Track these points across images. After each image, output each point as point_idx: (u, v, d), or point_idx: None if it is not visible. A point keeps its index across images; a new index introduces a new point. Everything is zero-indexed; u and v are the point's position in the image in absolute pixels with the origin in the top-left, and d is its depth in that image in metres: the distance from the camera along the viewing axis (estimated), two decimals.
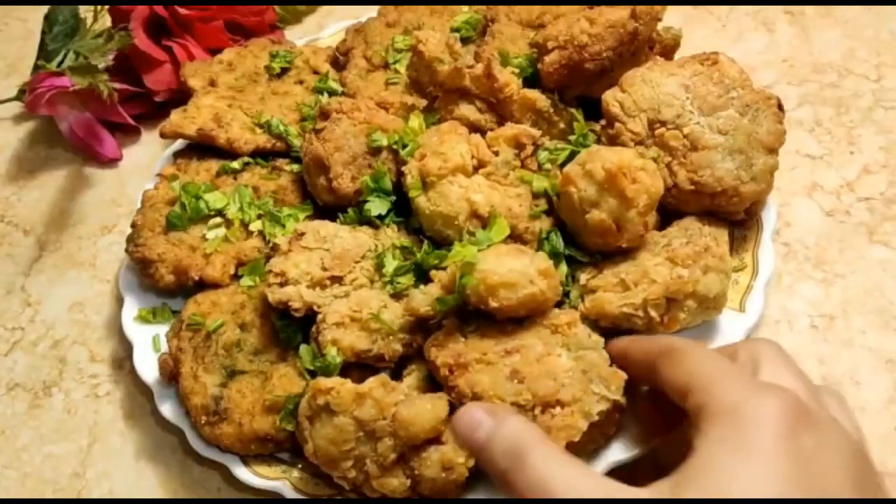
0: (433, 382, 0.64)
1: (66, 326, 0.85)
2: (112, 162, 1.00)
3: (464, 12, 0.95)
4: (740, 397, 0.47)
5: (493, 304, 0.61)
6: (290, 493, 0.66)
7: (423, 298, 0.64)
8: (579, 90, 0.79)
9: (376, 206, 0.75)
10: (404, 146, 0.75)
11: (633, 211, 0.66)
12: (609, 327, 0.66)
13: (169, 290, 0.77)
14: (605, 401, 0.59)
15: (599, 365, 0.61)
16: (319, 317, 0.67)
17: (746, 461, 0.44)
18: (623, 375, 0.60)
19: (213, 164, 0.84)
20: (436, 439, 0.61)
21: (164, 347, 0.74)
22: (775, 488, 0.43)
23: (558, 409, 0.58)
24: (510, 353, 0.61)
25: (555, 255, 0.69)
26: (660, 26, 0.79)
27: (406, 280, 0.69)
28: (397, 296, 0.69)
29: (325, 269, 0.69)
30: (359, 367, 0.67)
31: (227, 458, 0.69)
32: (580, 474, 0.47)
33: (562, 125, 0.78)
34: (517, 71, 0.80)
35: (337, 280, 0.69)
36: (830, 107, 0.94)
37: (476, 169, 0.72)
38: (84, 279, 0.89)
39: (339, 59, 0.97)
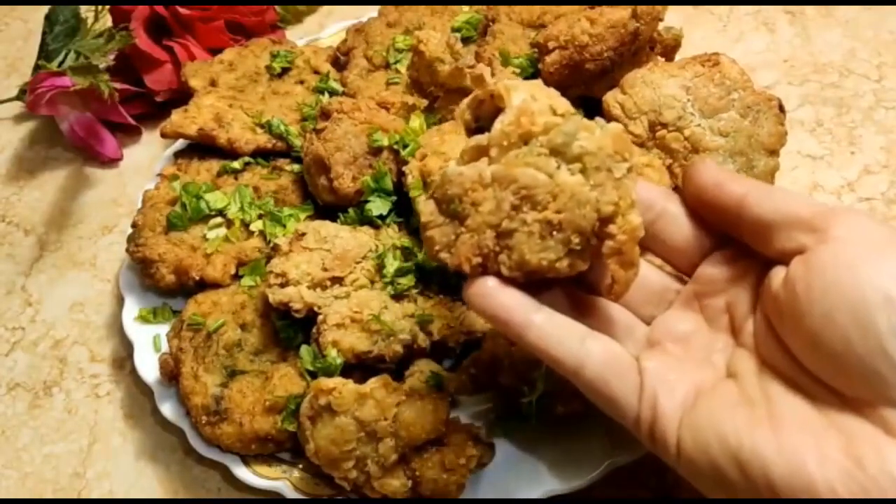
0: (435, 383, 0.64)
1: (66, 326, 0.85)
2: (113, 162, 1.00)
3: (464, 12, 0.95)
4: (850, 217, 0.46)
5: None
6: (290, 494, 0.66)
7: None
8: (580, 90, 0.79)
9: (377, 207, 0.75)
10: (405, 146, 0.75)
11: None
12: None
13: (169, 289, 0.77)
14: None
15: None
16: (320, 318, 0.67)
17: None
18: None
19: (214, 164, 0.84)
20: (437, 440, 0.61)
21: (165, 347, 0.74)
22: None
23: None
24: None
25: None
26: (661, 26, 0.79)
27: (407, 281, 0.69)
28: (398, 296, 0.69)
29: (325, 270, 0.69)
30: (361, 367, 0.67)
31: (227, 458, 0.69)
32: None
33: None
34: (518, 71, 0.80)
35: (337, 281, 0.69)
36: (831, 107, 0.94)
37: None
38: (84, 279, 0.89)
39: (340, 59, 0.97)
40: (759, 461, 0.43)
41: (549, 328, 0.49)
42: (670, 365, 0.50)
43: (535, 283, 0.49)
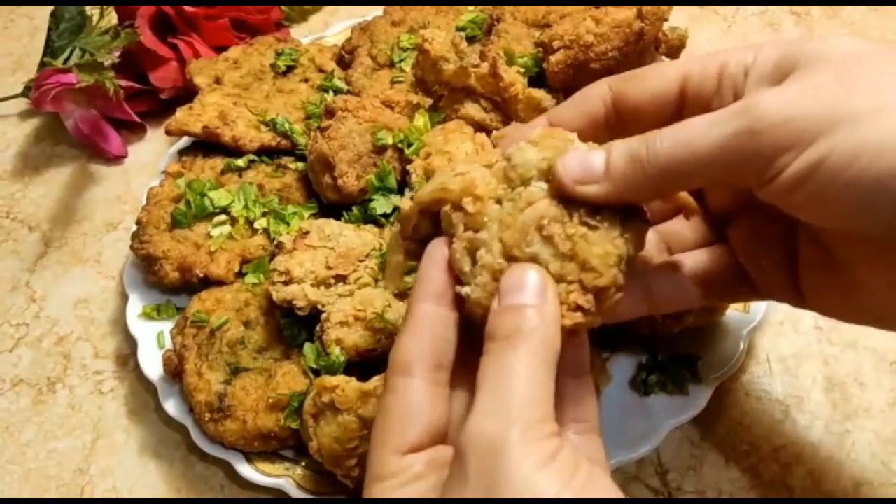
0: None
1: (70, 323, 0.85)
2: (117, 159, 1.00)
3: (469, 11, 0.95)
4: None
5: None
6: (293, 491, 0.66)
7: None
8: None
9: (381, 205, 0.75)
10: (409, 145, 0.75)
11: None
12: (616, 328, 0.66)
13: (173, 287, 0.77)
14: None
15: None
16: (323, 316, 0.67)
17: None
18: None
19: (219, 162, 0.84)
20: None
21: (169, 344, 0.74)
22: None
23: None
24: None
25: None
26: (666, 26, 0.79)
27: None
28: (402, 295, 0.69)
29: (329, 268, 0.70)
30: (364, 365, 0.67)
31: (230, 455, 0.69)
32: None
33: None
34: (522, 70, 0.80)
35: (341, 279, 0.69)
36: None
37: None
38: (89, 276, 0.89)
39: (345, 58, 0.97)
40: None
41: None
42: None
43: None
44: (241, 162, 0.83)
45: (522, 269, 0.44)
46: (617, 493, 0.40)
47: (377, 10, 1.00)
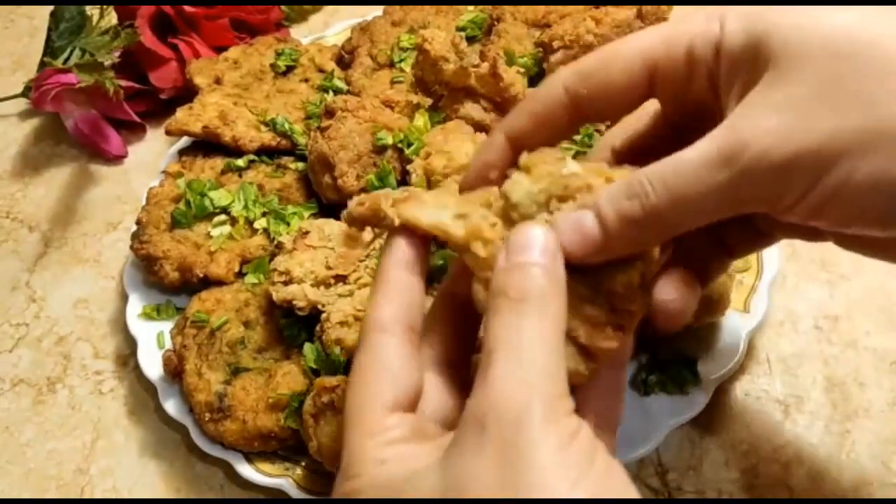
0: None
1: (70, 323, 0.85)
2: (117, 159, 1.00)
3: (469, 11, 0.95)
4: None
5: None
6: (293, 491, 0.66)
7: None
8: None
9: None
10: (409, 145, 0.75)
11: None
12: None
13: (173, 287, 0.77)
14: None
15: None
16: (324, 316, 0.67)
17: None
18: None
19: (219, 162, 0.84)
20: None
21: (169, 344, 0.75)
22: None
23: None
24: None
25: None
26: None
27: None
28: None
29: (329, 268, 0.70)
30: None
31: (230, 455, 0.69)
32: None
33: None
34: (522, 70, 0.80)
35: (341, 279, 0.69)
36: None
37: None
38: (89, 276, 0.89)
39: (345, 58, 0.97)
40: None
41: None
42: None
43: None
44: (241, 162, 0.83)
45: (531, 226, 0.41)
46: (630, 487, 0.38)
47: (377, 10, 1.00)
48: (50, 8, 1.00)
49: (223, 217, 0.79)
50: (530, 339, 0.38)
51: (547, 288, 0.40)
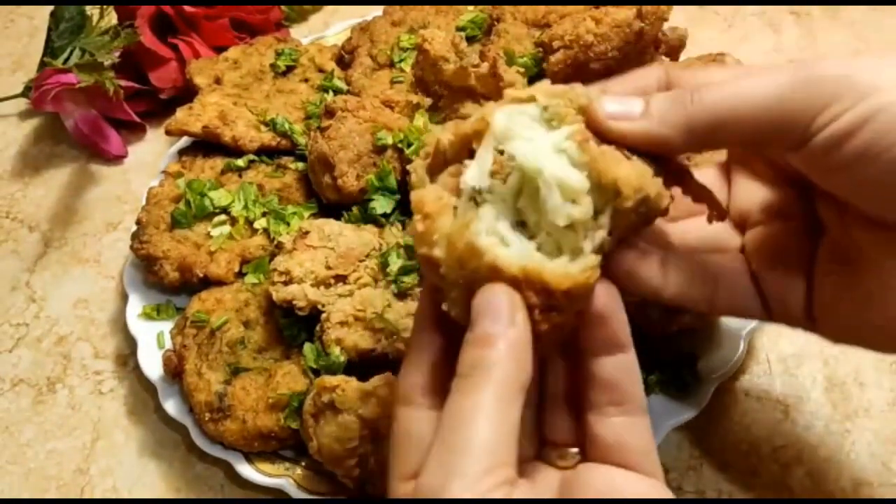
0: None
1: (70, 323, 0.85)
2: (117, 159, 1.00)
3: (469, 11, 0.95)
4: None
5: None
6: (293, 491, 0.66)
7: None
8: None
9: (381, 205, 0.75)
10: (409, 145, 0.75)
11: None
12: None
13: (173, 287, 0.77)
14: None
15: None
16: (323, 316, 0.67)
17: None
18: None
19: (219, 162, 0.84)
20: None
21: (169, 344, 0.74)
22: None
23: None
24: None
25: None
26: (665, 26, 0.79)
27: (410, 279, 0.69)
28: (401, 295, 0.69)
29: (329, 268, 0.70)
30: (364, 365, 0.67)
31: (230, 455, 0.69)
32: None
33: None
34: (522, 70, 0.80)
35: (341, 279, 0.70)
36: None
37: None
38: (89, 276, 0.89)
39: (345, 58, 0.97)
40: None
41: None
42: None
43: None
44: (241, 162, 0.83)
45: (491, 290, 0.41)
46: None
47: (377, 10, 1.00)
48: (50, 8, 1.01)
49: (223, 217, 0.79)
50: (470, 417, 0.39)
51: (501, 358, 0.40)
